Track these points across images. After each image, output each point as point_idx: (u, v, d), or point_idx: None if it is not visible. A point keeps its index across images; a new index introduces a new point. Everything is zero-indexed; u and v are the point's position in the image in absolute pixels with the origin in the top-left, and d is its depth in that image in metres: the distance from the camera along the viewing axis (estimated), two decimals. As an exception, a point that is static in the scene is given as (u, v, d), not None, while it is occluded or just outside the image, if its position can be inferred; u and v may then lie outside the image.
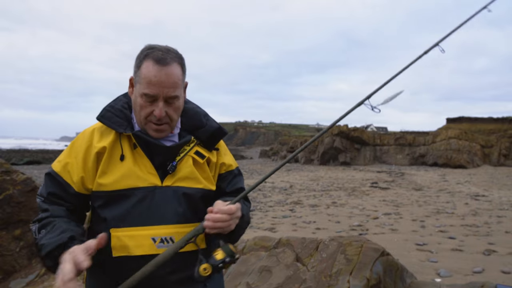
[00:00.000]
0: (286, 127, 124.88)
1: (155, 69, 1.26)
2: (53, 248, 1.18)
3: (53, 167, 1.37)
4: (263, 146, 78.65)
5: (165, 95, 1.28)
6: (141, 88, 1.28)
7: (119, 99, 1.43)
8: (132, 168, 1.31)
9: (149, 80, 1.26)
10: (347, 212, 9.93)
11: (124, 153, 1.33)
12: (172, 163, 1.35)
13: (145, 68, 1.27)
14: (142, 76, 1.27)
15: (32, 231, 1.31)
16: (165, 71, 1.27)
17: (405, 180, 19.45)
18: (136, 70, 1.31)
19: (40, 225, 1.29)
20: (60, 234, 1.21)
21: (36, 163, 33.97)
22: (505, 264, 5.09)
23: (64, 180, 1.32)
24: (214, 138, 1.45)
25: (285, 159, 1.42)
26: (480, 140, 33.17)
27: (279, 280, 3.02)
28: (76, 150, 1.35)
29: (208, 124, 1.45)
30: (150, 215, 1.30)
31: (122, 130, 1.33)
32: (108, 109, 1.38)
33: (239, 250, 3.62)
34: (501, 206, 10.81)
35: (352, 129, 33.62)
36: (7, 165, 3.93)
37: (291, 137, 48.34)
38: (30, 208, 3.84)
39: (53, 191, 1.33)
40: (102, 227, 1.30)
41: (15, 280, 3.57)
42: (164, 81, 1.27)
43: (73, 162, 1.33)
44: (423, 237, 6.91)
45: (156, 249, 1.28)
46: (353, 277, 2.86)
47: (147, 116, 1.31)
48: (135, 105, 1.34)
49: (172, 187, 1.34)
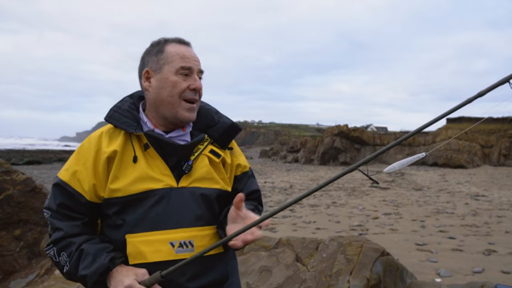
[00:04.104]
0: (286, 127, 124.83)
1: (183, 47, 1.33)
2: (99, 275, 1.18)
3: (61, 177, 1.28)
4: (263, 146, 78.62)
5: (197, 68, 1.33)
6: (175, 64, 1.30)
7: (125, 100, 1.39)
8: (145, 170, 1.25)
9: (183, 54, 1.31)
10: (347, 212, 9.93)
11: (136, 154, 1.26)
12: (188, 162, 1.29)
13: (172, 47, 1.32)
14: (173, 54, 1.31)
15: (50, 256, 1.26)
16: (190, 49, 1.35)
17: (405, 180, 19.44)
18: (158, 55, 1.32)
19: (58, 248, 1.24)
20: (95, 259, 1.19)
21: (36, 163, 33.94)
22: (505, 264, 5.09)
23: (74, 190, 1.25)
24: (228, 136, 1.40)
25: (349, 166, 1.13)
26: (480, 140, 33.16)
27: (279, 280, 3.01)
28: (84, 156, 1.28)
29: (221, 121, 1.41)
30: (167, 218, 1.24)
31: (133, 130, 1.27)
32: (116, 110, 1.33)
33: (239, 250, 3.62)
34: (501, 206, 10.81)
35: (352, 129, 33.62)
36: (7, 165, 3.93)
37: (291, 137, 48.31)
38: (30, 208, 3.84)
39: (63, 202, 1.25)
40: (116, 234, 1.25)
41: (15, 280, 3.57)
42: (194, 56, 1.34)
43: (82, 169, 1.26)
44: (423, 237, 6.91)
45: (175, 255, 1.22)
46: (353, 277, 2.86)
47: (181, 93, 1.30)
48: (163, 90, 1.30)
49: (189, 188, 1.28)
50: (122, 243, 1.24)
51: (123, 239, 1.24)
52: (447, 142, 4.17)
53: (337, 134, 32.95)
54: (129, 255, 1.23)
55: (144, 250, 1.22)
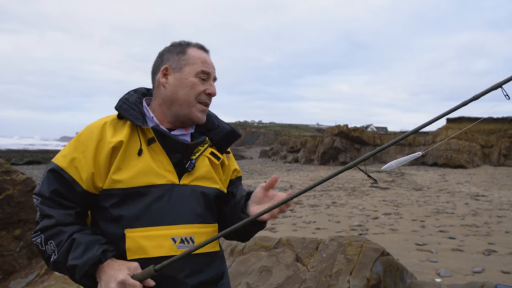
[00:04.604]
0: (286, 127, 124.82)
1: (204, 53, 1.39)
2: (90, 267, 1.15)
3: (57, 162, 1.24)
4: (263, 146, 78.63)
5: (214, 75, 1.40)
6: (196, 67, 1.35)
7: (131, 94, 1.39)
8: (150, 163, 1.25)
9: (204, 60, 1.37)
10: (347, 212, 9.93)
11: (142, 147, 1.26)
12: (191, 161, 1.32)
13: (195, 52, 1.37)
14: (195, 58, 1.36)
15: (36, 243, 1.20)
16: (209, 56, 1.41)
17: (405, 180, 19.44)
18: (180, 56, 1.36)
19: (46, 235, 1.18)
20: (87, 250, 1.16)
21: (36, 163, 33.96)
22: (505, 264, 5.09)
23: (71, 177, 1.21)
24: (227, 141, 1.44)
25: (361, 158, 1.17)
26: (480, 140, 33.19)
27: (279, 280, 3.01)
28: (84, 144, 1.24)
29: (221, 126, 1.45)
30: (168, 214, 1.24)
31: (140, 123, 1.27)
32: (124, 101, 1.33)
33: (239, 250, 3.62)
34: (501, 206, 10.81)
35: (352, 129, 33.63)
36: (7, 165, 3.93)
37: (291, 137, 48.33)
38: (30, 208, 3.84)
39: (57, 189, 1.21)
40: (113, 228, 1.23)
41: (15, 280, 3.57)
42: (212, 63, 1.40)
43: (80, 157, 1.23)
44: (423, 237, 6.91)
45: (177, 250, 1.22)
46: (353, 277, 2.86)
47: (197, 95, 1.34)
48: (181, 89, 1.33)
49: (190, 186, 1.30)
50: (119, 238, 1.22)
51: (121, 234, 1.21)
52: (440, 144, 4.14)
53: (337, 134, 32.97)
54: (128, 250, 1.21)
55: (146, 245, 1.21)
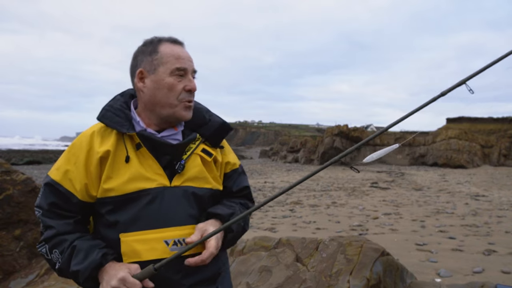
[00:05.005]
0: (286, 127, 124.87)
1: (177, 47, 1.32)
2: (91, 271, 1.19)
3: (52, 176, 1.28)
4: (263, 146, 78.64)
5: (191, 68, 1.33)
6: (170, 65, 1.29)
7: (116, 99, 1.38)
8: (138, 169, 1.26)
9: (178, 55, 1.30)
10: (347, 212, 9.93)
11: (129, 154, 1.27)
12: (180, 162, 1.30)
13: (167, 48, 1.31)
14: (168, 55, 1.30)
15: (42, 253, 1.27)
16: (184, 49, 1.34)
17: (405, 180, 19.45)
18: (153, 55, 1.30)
19: (50, 245, 1.25)
20: (87, 255, 1.20)
21: (36, 163, 33.96)
22: (505, 264, 5.08)
23: (65, 189, 1.25)
24: (219, 134, 1.41)
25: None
26: (480, 140, 33.19)
27: (279, 280, 3.01)
28: (75, 155, 1.28)
29: (212, 120, 1.42)
30: (161, 217, 1.25)
31: (125, 130, 1.27)
32: (108, 109, 1.33)
33: (239, 250, 3.62)
34: (501, 206, 10.81)
35: (352, 129, 33.63)
36: (7, 165, 3.93)
37: (291, 137, 48.31)
38: (30, 208, 3.84)
39: (55, 201, 1.26)
40: (110, 233, 1.27)
41: (15, 280, 3.57)
42: (188, 56, 1.34)
43: (73, 169, 1.26)
44: (423, 237, 6.91)
45: (170, 252, 1.24)
46: (353, 277, 2.86)
47: (177, 95, 1.30)
48: (159, 91, 1.30)
49: (181, 187, 1.29)
50: (116, 242, 1.25)
51: (117, 238, 1.25)
52: (409, 139, 4.25)
53: (337, 134, 32.96)
54: (123, 254, 1.24)
55: (139, 248, 1.23)
